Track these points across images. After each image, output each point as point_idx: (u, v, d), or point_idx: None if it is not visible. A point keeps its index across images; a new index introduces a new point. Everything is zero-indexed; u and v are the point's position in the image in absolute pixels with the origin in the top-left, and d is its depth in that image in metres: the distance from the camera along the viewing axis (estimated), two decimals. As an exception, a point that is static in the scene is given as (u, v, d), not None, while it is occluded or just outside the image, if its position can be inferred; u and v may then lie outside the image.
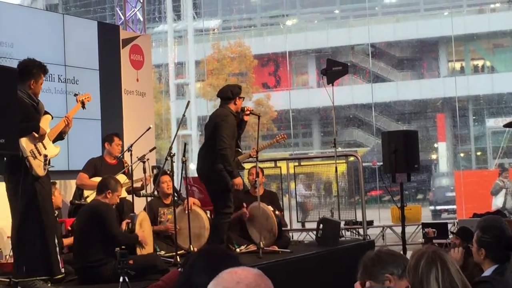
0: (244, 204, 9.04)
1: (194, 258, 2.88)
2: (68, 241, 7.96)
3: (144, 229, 7.56)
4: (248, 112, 8.52)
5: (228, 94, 8.40)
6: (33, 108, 6.81)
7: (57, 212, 8.38)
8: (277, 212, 8.95)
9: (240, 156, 8.60)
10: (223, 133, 8.07)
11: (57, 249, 6.77)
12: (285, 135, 9.72)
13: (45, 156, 6.77)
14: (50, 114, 7.09)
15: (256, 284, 2.27)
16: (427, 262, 3.55)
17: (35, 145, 6.72)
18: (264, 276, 2.31)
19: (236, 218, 8.87)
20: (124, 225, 7.39)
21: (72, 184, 9.22)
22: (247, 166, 9.57)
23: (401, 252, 8.03)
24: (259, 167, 9.07)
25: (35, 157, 6.64)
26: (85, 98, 7.57)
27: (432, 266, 3.54)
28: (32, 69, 6.85)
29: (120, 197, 7.61)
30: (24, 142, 6.59)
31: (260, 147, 8.90)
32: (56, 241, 6.79)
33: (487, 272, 4.54)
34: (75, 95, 7.71)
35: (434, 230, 8.80)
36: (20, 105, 6.42)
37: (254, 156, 8.68)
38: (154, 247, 8.06)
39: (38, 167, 6.65)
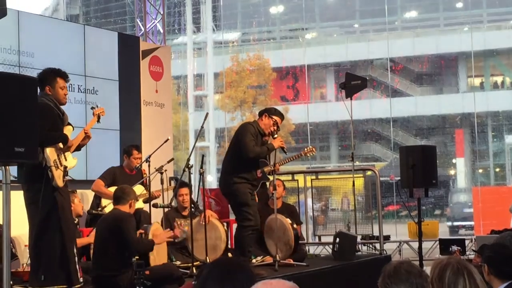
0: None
1: (207, 269, 2.88)
2: (79, 241, 7.94)
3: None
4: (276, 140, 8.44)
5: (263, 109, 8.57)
6: (59, 118, 6.87)
7: (77, 220, 8.40)
8: (294, 226, 8.93)
9: (266, 167, 8.59)
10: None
11: (76, 258, 6.81)
12: (314, 148, 9.71)
13: (65, 167, 6.82)
14: (72, 125, 7.13)
15: None
16: (453, 272, 3.58)
17: (58, 156, 6.75)
18: None
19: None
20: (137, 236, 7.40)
21: (89, 194, 9.25)
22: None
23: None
24: (280, 180, 9.35)
25: (57, 168, 6.67)
26: (100, 112, 7.60)
27: (459, 277, 3.57)
28: (46, 75, 6.90)
29: (137, 207, 7.62)
30: (49, 152, 6.62)
31: (286, 160, 9.04)
32: (75, 250, 6.83)
33: None
34: (92, 108, 7.73)
35: (459, 248, 8.71)
36: (48, 114, 6.51)
37: (278, 170, 8.72)
38: (171, 257, 8.06)
39: (58, 178, 6.68)
